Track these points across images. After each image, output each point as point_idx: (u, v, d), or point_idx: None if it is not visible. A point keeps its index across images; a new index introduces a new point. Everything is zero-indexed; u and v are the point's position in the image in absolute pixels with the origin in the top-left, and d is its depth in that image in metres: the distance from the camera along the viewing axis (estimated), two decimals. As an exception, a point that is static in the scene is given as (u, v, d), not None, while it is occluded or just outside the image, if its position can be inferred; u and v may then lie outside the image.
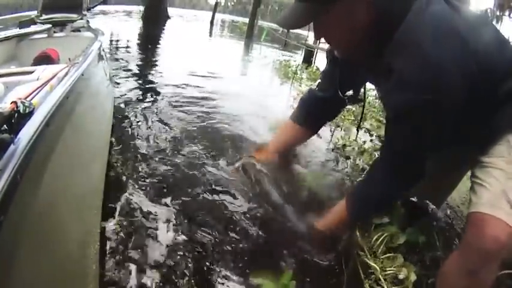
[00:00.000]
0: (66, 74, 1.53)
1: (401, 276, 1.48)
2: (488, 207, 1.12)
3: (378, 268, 1.51)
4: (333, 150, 2.77)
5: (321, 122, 2.00)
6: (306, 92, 1.96)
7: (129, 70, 4.25)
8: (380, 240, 1.64)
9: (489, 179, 1.17)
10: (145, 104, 3.02)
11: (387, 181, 1.36)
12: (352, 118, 3.50)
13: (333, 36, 1.26)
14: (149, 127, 2.47)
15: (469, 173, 1.40)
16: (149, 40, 8.05)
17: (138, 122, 2.54)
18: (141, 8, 13.85)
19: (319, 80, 1.86)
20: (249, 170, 1.92)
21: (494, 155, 1.20)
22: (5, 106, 0.93)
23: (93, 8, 4.03)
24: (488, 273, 1.11)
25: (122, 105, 2.86)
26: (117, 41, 6.63)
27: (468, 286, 1.13)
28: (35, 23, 3.17)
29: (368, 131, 3.34)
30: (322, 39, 1.29)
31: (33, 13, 3.30)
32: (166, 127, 2.50)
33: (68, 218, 1.09)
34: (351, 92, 1.67)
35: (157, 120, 2.61)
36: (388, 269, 1.52)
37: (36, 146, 0.89)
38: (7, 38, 2.70)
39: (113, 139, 2.16)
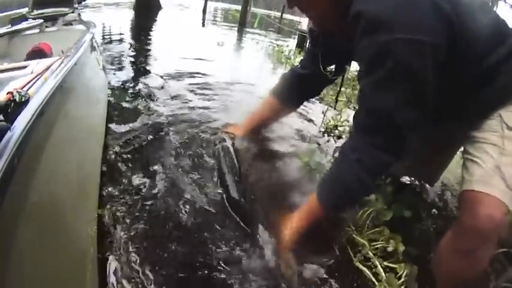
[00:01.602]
0: (60, 65, 1.56)
1: (390, 249, 1.48)
2: (481, 184, 1.08)
3: (366, 243, 1.51)
4: (324, 131, 2.81)
5: (301, 99, 1.98)
6: (289, 69, 1.94)
7: (123, 60, 4.26)
8: (366, 215, 1.63)
9: (481, 155, 1.13)
10: (139, 89, 3.06)
11: (362, 155, 1.17)
12: (345, 99, 3.53)
13: (306, 2, 1.19)
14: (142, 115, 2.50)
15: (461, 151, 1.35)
16: (142, 30, 7.98)
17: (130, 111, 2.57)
18: (132, -2, 13.69)
19: (301, 58, 1.83)
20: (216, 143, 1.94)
21: (486, 130, 1.16)
22: (1, 96, 0.97)
23: (84, 0, 4.03)
24: (485, 253, 1.08)
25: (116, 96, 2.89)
26: (110, 32, 6.60)
27: (464, 266, 1.10)
28: (27, 19, 3.17)
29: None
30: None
31: (24, 10, 3.31)
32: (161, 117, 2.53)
33: (65, 202, 1.12)
34: (333, 67, 1.58)
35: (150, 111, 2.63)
36: (375, 243, 1.52)
37: (32, 132, 0.92)
38: None
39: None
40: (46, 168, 1.01)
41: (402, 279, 1.37)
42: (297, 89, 1.82)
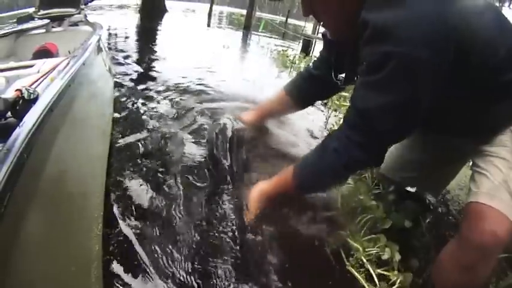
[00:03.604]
0: (67, 65, 1.57)
1: (384, 257, 1.44)
2: (487, 197, 1.06)
3: (360, 248, 1.47)
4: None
5: (311, 99, 1.98)
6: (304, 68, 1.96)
7: (128, 63, 4.28)
8: (363, 221, 1.60)
9: (490, 168, 1.12)
10: (144, 90, 3.06)
11: (339, 146, 1.19)
12: (348, 104, 3.52)
13: (321, 11, 1.22)
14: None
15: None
16: (147, 33, 8.04)
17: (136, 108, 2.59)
18: (138, 1, 13.78)
19: (305, 62, 1.87)
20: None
21: (496, 144, 1.15)
22: (10, 93, 0.98)
23: (90, 2, 4.05)
24: (486, 268, 1.07)
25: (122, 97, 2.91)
26: (115, 34, 6.64)
27: (464, 280, 1.08)
28: (33, 19, 3.20)
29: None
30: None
31: (31, 9, 3.33)
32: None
33: (72, 197, 1.13)
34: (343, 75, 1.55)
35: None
36: (370, 249, 1.48)
37: (41, 129, 0.93)
38: (5, 35, 2.73)
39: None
40: (54, 164, 1.01)
41: (396, 286, 1.35)
42: (307, 88, 1.83)
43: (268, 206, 1.45)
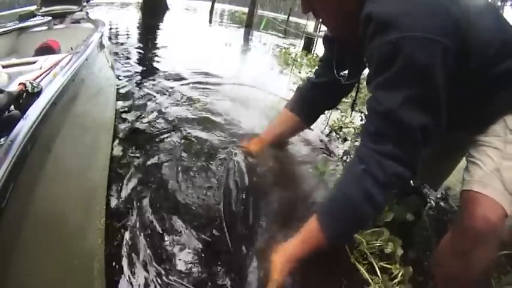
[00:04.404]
0: (69, 61, 1.58)
1: (387, 250, 1.45)
2: (480, 185, 1.08)
3: (363, 241, 1.46)
4: (329, 133, 2.79)
5: (318, 109, 1.84)
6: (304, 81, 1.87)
7: (130, 60, 4.27)
8: None
9: (483, 157, 1.13)
10: (146, 88, 3.03)
11: (369, 165, 1.04)
12: (349, 101, 3.52)
13: (320, 9, 1.20)
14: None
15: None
16: (149, 30, 8.04)
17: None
18: (140, -2, 13.81)
19: (316, 68, 1.79)
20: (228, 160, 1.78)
21: (490, 134, 1.16)
22: (14, 86, 0.99)
23: (92, -1, 4.07)
24: (482, 256, 1.06)
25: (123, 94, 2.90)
26: (117, 31, 6.64)
27: (460, 267, 1.09)
28: (35, 16, 3.21)
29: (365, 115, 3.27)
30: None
31: (33, 7, 3.34)
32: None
33: (74, 190, 1.13)
34: (346, 72, 1.53)
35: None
36: (373, 242, 1.48)
37: (44, 122, 0.94)
38: (7, 32, 2.74)
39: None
40: (57, 157, 1.02)
41: (397, 279, 1.36)
42: (312, 97, 1.74)
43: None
